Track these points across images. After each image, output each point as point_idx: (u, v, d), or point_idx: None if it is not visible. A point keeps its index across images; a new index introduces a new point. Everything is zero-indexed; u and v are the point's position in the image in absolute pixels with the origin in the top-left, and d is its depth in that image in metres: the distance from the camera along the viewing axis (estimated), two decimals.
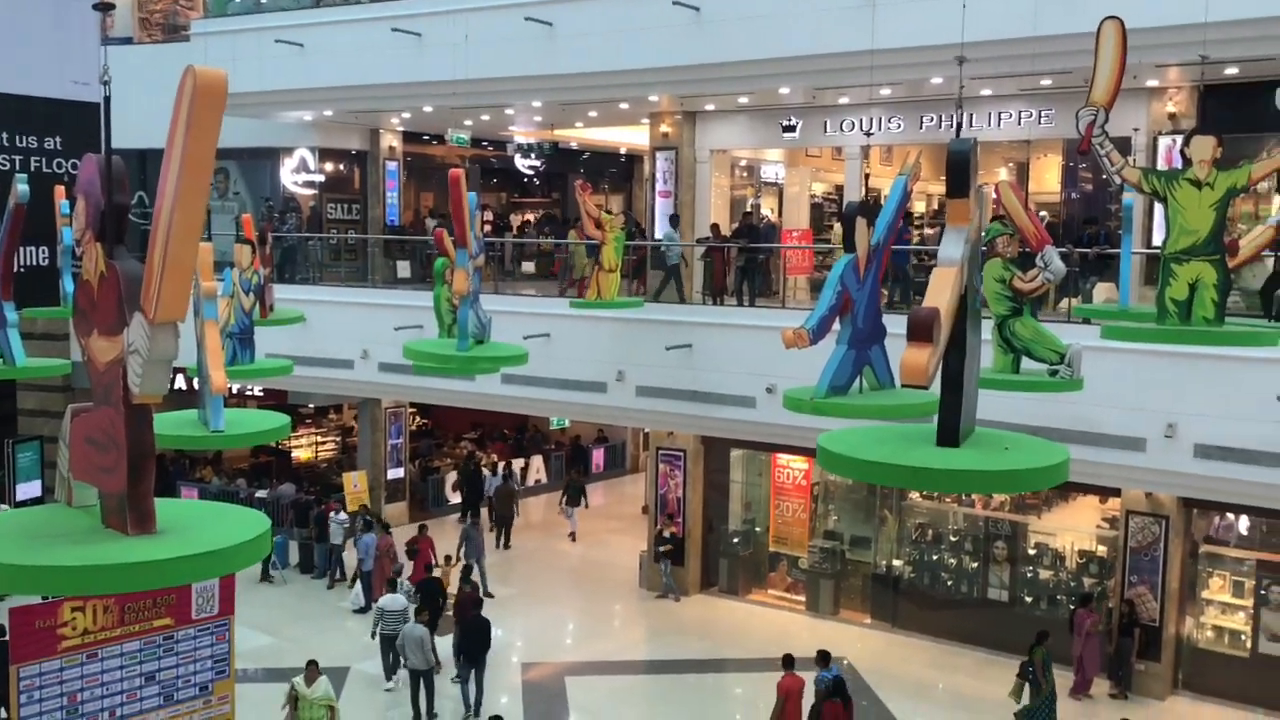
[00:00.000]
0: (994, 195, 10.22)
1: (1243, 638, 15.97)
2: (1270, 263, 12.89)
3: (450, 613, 16.71)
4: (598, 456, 29.24)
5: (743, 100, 20.18)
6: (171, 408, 8.26)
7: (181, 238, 4.32)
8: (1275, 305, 10.49)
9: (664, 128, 21.29)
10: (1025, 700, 14.35)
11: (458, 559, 19.22)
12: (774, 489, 20.34)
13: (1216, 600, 16.30)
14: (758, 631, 18.09)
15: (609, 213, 17.50)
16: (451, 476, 25.65)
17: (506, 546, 22.82)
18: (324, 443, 28.72)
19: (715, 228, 20.09)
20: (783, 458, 19.94)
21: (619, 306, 17.19)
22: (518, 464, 27.41)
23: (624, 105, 21.10)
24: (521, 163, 26.75)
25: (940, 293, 5.69)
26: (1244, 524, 17.33)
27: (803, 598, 19.60)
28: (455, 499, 25.04)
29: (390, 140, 25.86)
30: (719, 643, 17.64)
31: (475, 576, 17.75)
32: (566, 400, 19.40)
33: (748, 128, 21.50)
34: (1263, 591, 15.77)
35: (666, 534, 19.81)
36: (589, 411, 20.49)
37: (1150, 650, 15.83)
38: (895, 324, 7.49)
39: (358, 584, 19.14)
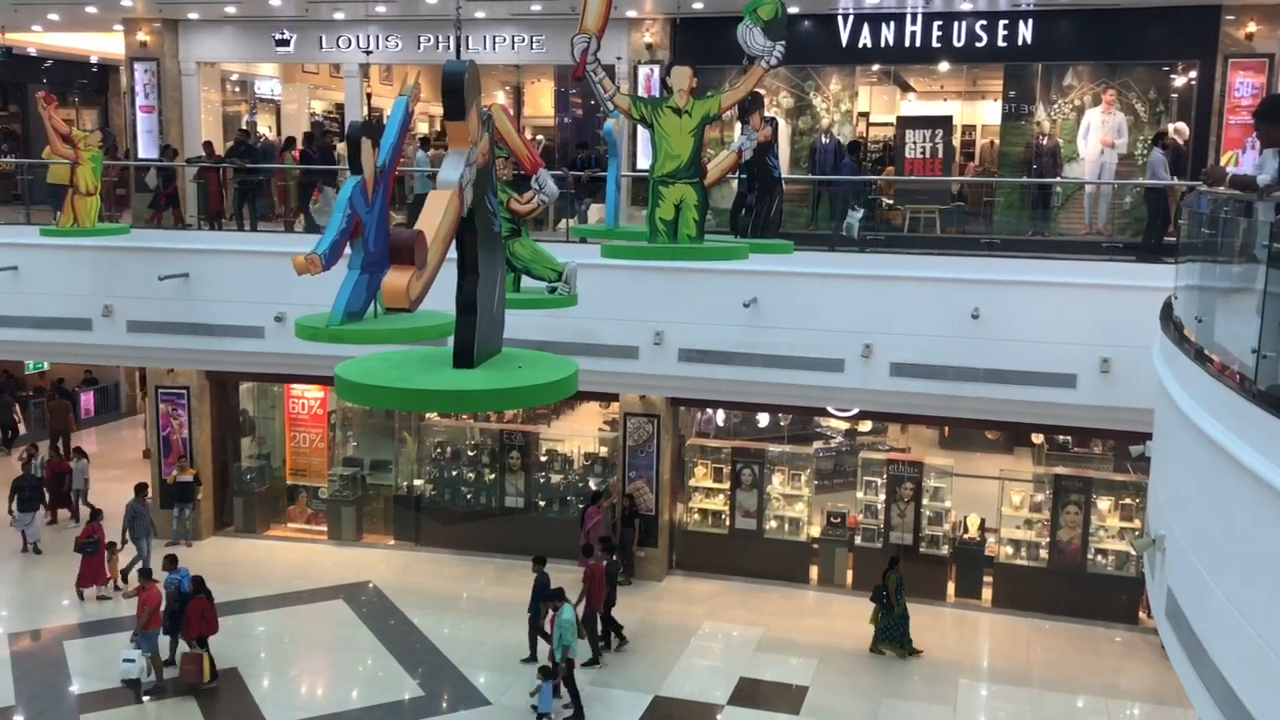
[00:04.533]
0: None
1: (723, 517, 18.11)
2: (735, 184, 14.42)
3: None
4: (87, 401, 26.58)
5: (230, 10, 18.92)
6: None
7: None
8: (740, 223, 11.80)
9: (141, 36, 19.44)
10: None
11: (124, 540, 16.97)
12: (289, 421, 19.76)
13: (702, 487, 18.31)
14: (278, 567, 17.63)
15: (83, 130, 15.70)
16: None
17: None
18: None
19: (208, 146, 18.79)
20: (296, 388, 19.41)
21: (101, 234, 15.60)
22: None
23: (91, 9, 18.93)
24: None
25: (431, 216, 5.71)
26: (721, 417, 19.59)
27: (324, 527, 19.36)
28: None
29: None
30: (238, 584, 16.92)
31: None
32: (44, 341, 17.41)
33: (237, 39, 20.22)
34: (737, 475, 17.95)
35: (180, 478, 18.56)
36: (72, 352, 18.56)
37: (649, 538, 17.49)
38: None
39: None
